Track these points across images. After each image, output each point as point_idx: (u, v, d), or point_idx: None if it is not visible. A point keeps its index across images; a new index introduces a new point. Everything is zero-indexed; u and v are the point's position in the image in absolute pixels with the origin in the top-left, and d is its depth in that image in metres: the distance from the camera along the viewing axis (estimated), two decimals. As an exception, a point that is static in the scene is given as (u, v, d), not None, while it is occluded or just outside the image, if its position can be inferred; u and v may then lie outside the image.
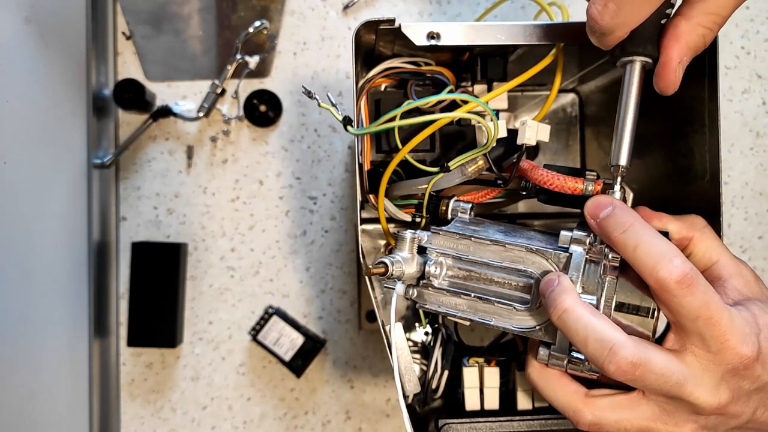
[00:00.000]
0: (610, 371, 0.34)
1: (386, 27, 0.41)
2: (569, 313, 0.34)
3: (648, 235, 0.35)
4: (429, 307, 0.41)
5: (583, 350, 0.35)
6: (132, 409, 0.69)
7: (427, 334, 0.49)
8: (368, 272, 0.38)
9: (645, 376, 0.34)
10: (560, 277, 0.36)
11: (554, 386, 0.39)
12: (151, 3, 0.68)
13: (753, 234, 0.69)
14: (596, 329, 0.34)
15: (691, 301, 0.34)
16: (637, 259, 0.35)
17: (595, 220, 0.37)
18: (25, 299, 0.55)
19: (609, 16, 0.34)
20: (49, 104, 0.60)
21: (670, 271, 0.33)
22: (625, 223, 0.35)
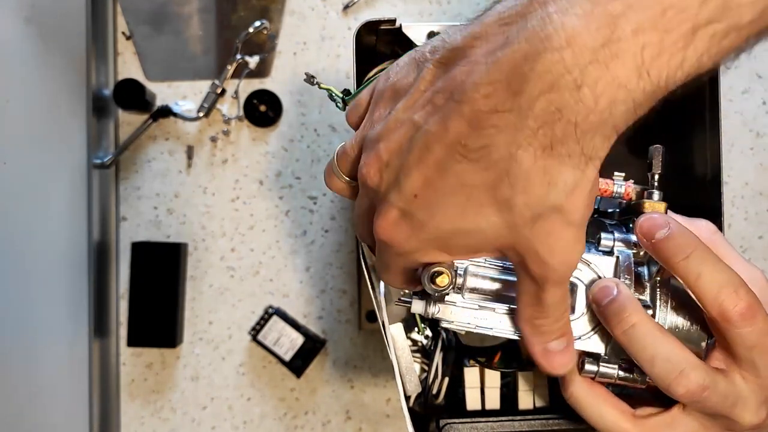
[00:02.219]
0: (677, 393, 0.33)
1: (387, 27, 0.42)
2: (637, 328, 0.33)
3: (711, 263, 0.33)
4: (454, 325, 0.36)
5: (648, 369, 0.33)
6: (132, 409, 0.69)
7: (427, 338, 0.48)
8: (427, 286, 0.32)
9: (709, 398, 0.33)
10: (619, 286, 0.34)
11: (602, 405, 0.36)
12: (151, 3, 0.68)
13: (753, 234, 0.69)
14: (666, 349, 0.33)
15: (751, 332, 0.32)
16: (699, 288, 0.33)
17: (650, 241, 0.34)
18: (25, 299, 0.55)
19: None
20: (49, 104, 0.60)
21: (735, 303, 0.32)
22: (687, 248, 0.33)
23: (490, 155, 0.26)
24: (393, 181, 0.30)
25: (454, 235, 0.29)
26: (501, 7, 0.27)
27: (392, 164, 0.30)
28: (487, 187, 0.27)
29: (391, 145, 0.30)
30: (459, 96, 0.26)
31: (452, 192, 0.28)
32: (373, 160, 0.31)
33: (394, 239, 0.31)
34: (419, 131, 0.28)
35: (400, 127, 0.30)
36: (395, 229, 0.30)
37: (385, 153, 0.30)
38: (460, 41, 0.28)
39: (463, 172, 0.27)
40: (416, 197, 0.29)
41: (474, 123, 0.26)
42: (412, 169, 0.29)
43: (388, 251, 0.32)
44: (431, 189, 0.28)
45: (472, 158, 0.27)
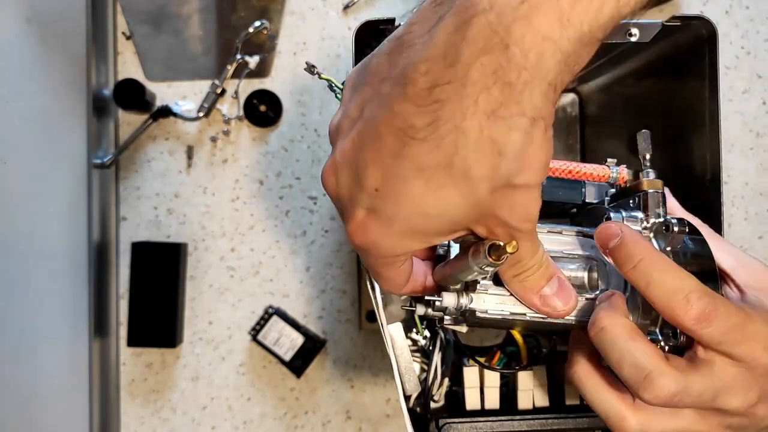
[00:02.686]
0: (645, 399, 0.32)
1: (386, 27, 0.42)
2: (606, 332, 0.33)
3: (659, 271, 0.33)
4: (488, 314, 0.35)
5: (618, 373, 0.34)
6: (132, 409, 0.69)
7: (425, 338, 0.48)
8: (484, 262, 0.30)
9: (682, 401, 0.33)
10: (613, 296, 0.35)
11: (602, 390, 0.36)
12: (151, 3, 0.68)
13: (753, 234, 0.69)
14: (632, 354, 0.33)
15: (712, 332, 0.32)
16: (650, 296, 0.33)
17: (605, 250, 0.35)
18: (25, 299, 0.55)
19: None
20: (49, 104, 0.60)
21: (685, 310, 0.32)
22: (635, 256, 0.33)
23: (438, 131, 0.26)
24: (351, 182, 0.29)
25: (424, 221, 0.29)
26: None
27: (347, 164, 0.29)
28: (442, 166, 0.27)
29: (345, 145, 0.30)
30: (401, 79, 0.27)
31: (411, 177, 0.27)
32: (329, 166, 0.31)
33: (368, 240, 0.30)
34: (368, 123, 0.28)
35: (351, 126, 0.30)
36: (365, 229, 0.30)
37: (339, 155, 0.30)
38: (401, 30, 0.28)
39: (416, 155, 0.27)
40: (377, 191, 0.28)
41: (418, 101, 0.26)
42: (368, 164, 0.28)
43: (368, 255, 0.31)
44: (390, 179, 0.28)
45: (421, 137, 0.26)
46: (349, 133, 0.29)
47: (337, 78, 0.42)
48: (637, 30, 0.42)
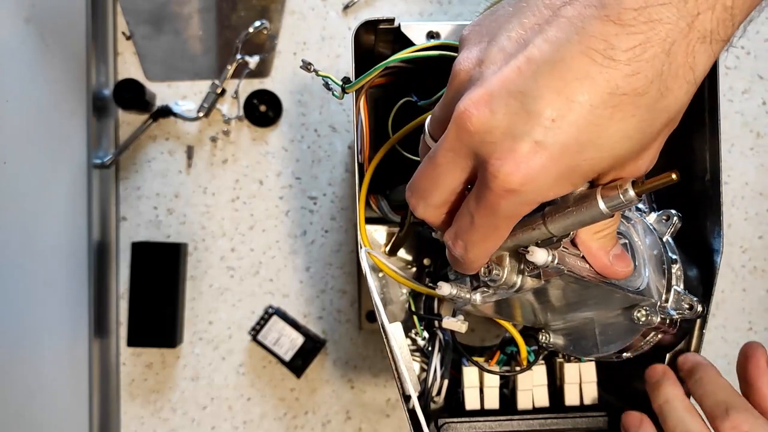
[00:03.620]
0: None
1: (386, 27, 0.41)
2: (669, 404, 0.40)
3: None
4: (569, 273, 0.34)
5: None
6: (132, 409, 0.69)
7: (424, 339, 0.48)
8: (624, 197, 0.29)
9: None
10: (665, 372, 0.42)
11: None
12: (151, 3, 0.68)
13: (753, 234, 0.69)
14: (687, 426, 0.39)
15: None
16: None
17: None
18: (25, 299, 0.55)
19: (459, 253, 0.32)
20: (49, 104, 0.60)
21: None
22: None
23: (644, 54, 0.24)
24: (517, 112, 0.26)
25: (596, 155, 0.27)
26: None
27: (511, 93, 0.26)
28: (636, 93, 0.25)
29: (506, 73, 0.26)
30: (598, 1, 0.25)
31: (601, 103, 0.25)
32: (479, 97, 0.27)
33: (528, 177, 0.26)
34: (545, 47, 0.26)
35: (508, 56, 0.27)
36: (528, 164, 0.26)
37: (497, 84, 0.26)
38: None
39: (612, 79, 0.25)
40: (554, 121, 0.25)
41: (623, 22, 0.24)
42: (546, 90, 0.25)
43: (514, 199, 0.27)
44: (574, 105, 0.25)
45: (624, 60, 0.24)
46: (509, 62, 0.27)
47: (337, 77, 0.42)
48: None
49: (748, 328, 0.69)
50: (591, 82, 0.25)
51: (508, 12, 0.29)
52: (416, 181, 0.32)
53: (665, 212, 0.43)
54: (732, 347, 0.69)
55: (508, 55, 0.27)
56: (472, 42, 0.30)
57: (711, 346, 0.69)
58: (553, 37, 0.26)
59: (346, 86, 0.41)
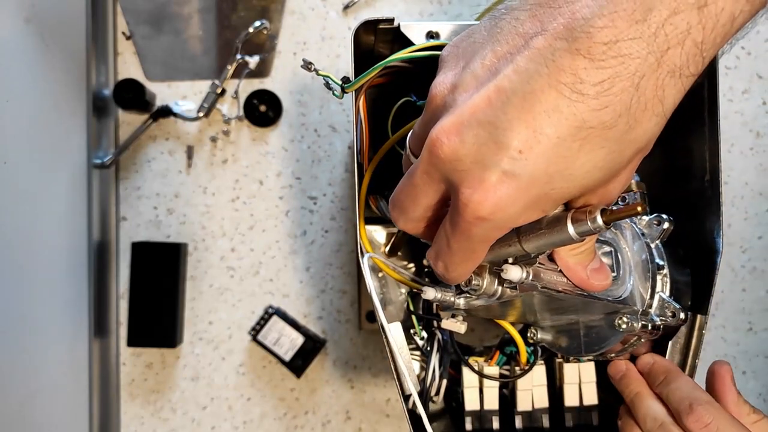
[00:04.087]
0: None
1: (385, 26, 0.41)
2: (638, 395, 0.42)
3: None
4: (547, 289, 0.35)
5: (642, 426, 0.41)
6: (132, 409, 0.69)
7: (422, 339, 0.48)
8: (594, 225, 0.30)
9: None
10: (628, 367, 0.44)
11: None
12: (151, 3, 0.68)
13: (753, 234, 0.69)
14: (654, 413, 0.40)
15: None
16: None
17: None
18: (25, 299, 0.55)
19: (441, 272, 0.33)
20: (49, 104, 0.60)
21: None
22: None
23: (611, 89, 0.25)
24: (485, 142, 0.26)
25: (563, 185, 0.27)
26: None
27: (480, 123, 0.26)
28: (604, 126, 0.25)
29: (476, 103, 0.27)
30: (568, 33, 0.25)
31: (568, 136, 0.26)
32: (450, 125, 0.27)
33: (496, 207, 0.27)
34: (515, 78, 0.26)
35: (479, 83, 0.27)
36: (496, 194, 0.27)
37: (467, 113, 0.27)
38: None
39: (579, 113, 0.25)
40: (521, 152, 0.26)
41: (593, 56, 0.25)
42: (514, 121, 0.26)
43: (485, 226, 0.28)
44: (541, 138, 0.26)
45: (591, 94, 0.25)
46: (480, 90, 0.27)
47: (336, 77, 0.42)
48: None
49: (748, 328, 0.69)
50: (559, 115, 0.25)
51: (483, 36, 0.29)
52: (396, 195, 0.33)
53: (657, 216, 0.43)
54: (732, 347, 0.69)
55: (479, 83, 0.28)
56: (448, 65, 0.30)
57: (711, 346, 0.69)
58: (523, 68, 0.26)
59: (346, 86, 0.41)
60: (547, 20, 0.26)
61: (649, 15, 0.24)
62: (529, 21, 0.27)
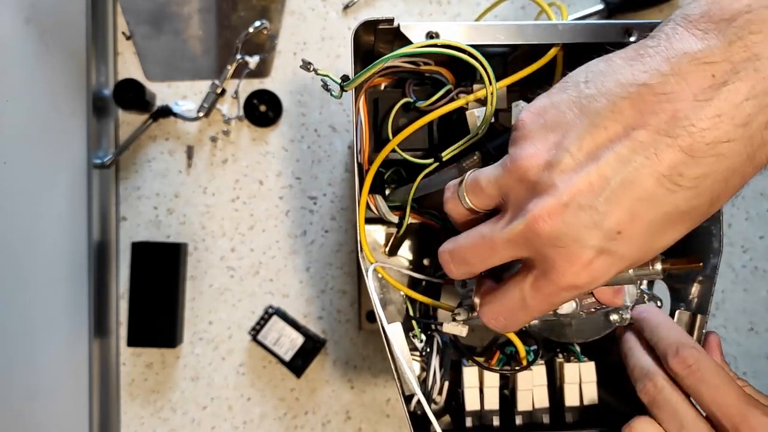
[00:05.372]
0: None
1: (385, 26, 0.41)
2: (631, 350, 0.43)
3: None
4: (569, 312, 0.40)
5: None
6: (132, 409, 0.69)
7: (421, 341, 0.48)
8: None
9: None
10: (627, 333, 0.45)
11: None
12: (151, 3, 0.68)
13: (754, 234, 0.69)
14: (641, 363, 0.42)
15: None
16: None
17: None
18: (25, 299, 0.55)
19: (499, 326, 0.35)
20: (49, 104, 0.60)
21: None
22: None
23: (705, 182, 0.27)
24: (585, 224, 0.29)
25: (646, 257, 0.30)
26: (683, 46, 0.27)
27: (582, 207, 0.29)
28: (693, 211, 0.29)
29: (579, 187, 0.29)
30: (671, 131, 0.27)
31: (662, 222, 0.29)
32: (554, 205, 0.29)
33: (590, 280, 0.30)
34: (623, 165, 0.28)
35: (578, 166, 0.29)
36: (591, 269, 0.30)
37: (570, 197, 0.29)
38: (648, 78, 0.28)
39: (675, 202, 0.28)
40: (620, 233, 0.29)
41: (693, 153, 0.27)
42: (615, 205, 0.28)
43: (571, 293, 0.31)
44: (638, 222, 0.28)
45: (687, 186, 0.27)
46: (580, 173, 0.29)
47: (336, 77, 0.42)
48: (636, 30, 0.42)
49: (749, 329, 0.69)
50: (656, 203, 0.28)
51: (575, 114, 0.30)
52: (461, 251, 0.34)
53: None
54: (732, 347, 0.69)
55: (579, 166, 0.29)
56: (536, 136, 0.31)
57: (711, 346, 0.69)
58: (625, 158, 0.28)
59: (345, 84, 0.41)
60: (648, 113, 0.28)
61: (752, 120, 0.27)
62: (629, 110, 0.28)
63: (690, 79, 0.27)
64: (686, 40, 0.28)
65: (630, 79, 0.28)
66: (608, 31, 0.42)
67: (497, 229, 0.32)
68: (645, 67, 0.28)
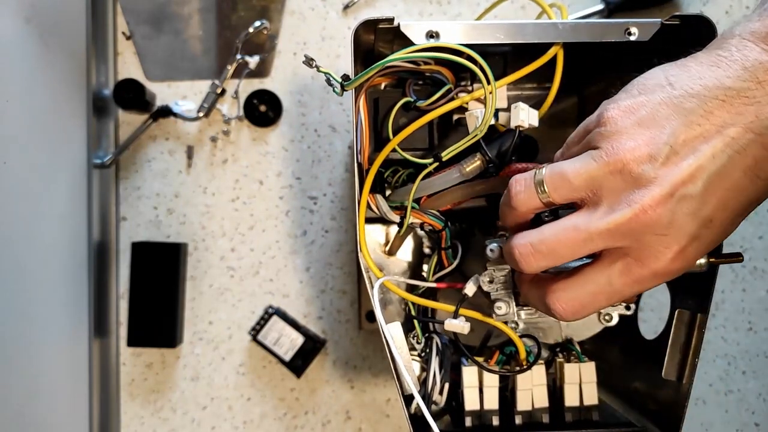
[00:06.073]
0: None
1: (385, 26, 0.41)
2: None
3: None
4: None
5: None
6: (132, 409, 0.69)
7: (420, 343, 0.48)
8: None
9: None
10: None
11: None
12: (151, 3, 0.68)
13: (753, 234, 0.69)
14: None
15: None
16: None
17: None
18: (25, 299, 0.55)
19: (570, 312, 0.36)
20: (49, 104, 0.60)
21: None
22: None
23: None
24: (690, 213, 0.31)
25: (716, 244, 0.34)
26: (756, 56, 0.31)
27: (689, 197, 0.31)
28: (760, 202, 0.33)
29: (684, 176, 0.31)
30: (758, 129, 0.31)
31: (742, 208, 0.33)
32: (661, 195, 0.31)
33: (684, 265, 0.33)
34: (718, 158, 0.31)
35: (689, 155, 0.32)
36: (685, 256, 0.32)
37: (675, 184, 0.31)
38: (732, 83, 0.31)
39: (755, 191, 0.32)
40: (712, 221, 0.32)
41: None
42: (711, 195, 0.31)
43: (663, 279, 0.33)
44: (727, 210, 0.32)
45: (763, 178, 0.32)
46: (681, 166, 0.31)
47: (336, 76, 0.42)
48: (636, 29, 0.42)
49: (748, 328, 0.69)
50: (742, 193, 0.32)
51: (668, 112, 0.32)
52: (552, 244, 0.34)
53: None
54: (732, 347, 0.69)
55: (679, 158, 0.32)
56: (631, 131, 0.33)
57: (711, 345, 0.69)
58: (719, 151, 0.31)
59: (346, 83, 0.41)
60: (735, 114, 0.31)
61: None
62: (718, 110, 0.31)
63: (766, 85, 0.31)
64: (757, 52, 0.31)
65: (716, 83, 0.32)
66: (608, 30, 0.42)
67: (594, 219, 0.33)
68: (727, 73, 0.32)
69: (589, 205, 0.33)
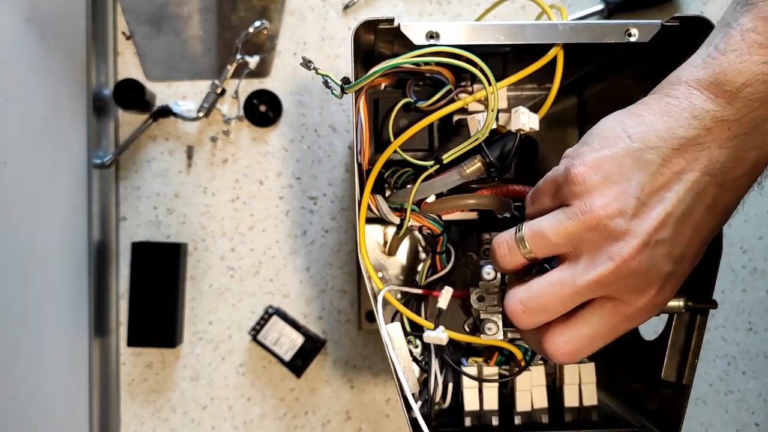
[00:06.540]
0: None
1: (385, 26, 0.41)
2: None
3: None
4: None
5: None
6: (132, 409, 0.69)
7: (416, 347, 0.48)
8: None
9: None
10: None
11: None
12: (151, 3, 0.68)
13: (753, 235, 0.69)
14: None
15: None
16: None
17: None
18: (25, 299, 0.55)
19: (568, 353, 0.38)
20: (49, 104, 0.60)
21: None
22: None
23: (729, 208, 0.36)
24: (663, 255, 0.34)
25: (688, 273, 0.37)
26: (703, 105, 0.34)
27: (661, 241, 0.34)
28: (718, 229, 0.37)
29: (655, 224, 0.34)
30: (711, 172, 0.34)
31: (706, 241, 0.36)
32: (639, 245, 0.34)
33: (664, 301, 0.36)
34: (683, 202, 0.34)
35: (656, 205, 0.34)
36: (664, 292, 0.36)
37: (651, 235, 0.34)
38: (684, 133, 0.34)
39: (714, 224, 0.36)
40: (683, 257, 0.35)
41: (726, 187, 0.35)
42: (680, 237, 0.35)
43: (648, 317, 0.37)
44: (694, 244, 0.35)
45: (720, 212, 0.35)
46: (651, 216, 0.34)
47: (336, 77, 0.42)
48: (636, 30, 0.42)
49: (748, 329, 0.69)
50: (706, 228, 0.35)
51: (631, 165, 0.35)
52: (541, 301, 0.36)
53: None
54: (732, 347, 0.69)
55: (649, 208, 0.34)
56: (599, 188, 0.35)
57: (711, 345, 0.69)
58: (683, 197, 0.34)
59: (345, 87, 0.41)
60: (692, 159, 0.34)
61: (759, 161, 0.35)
62: (676, 158, 0.34)
63: (714, 132, 0.34)
64: (703, 100, 0.34)
65: (670, 133, 0.34)
66: (608, 31, 0.42)
67: (578, 274, 0.35)
68: (679, 123, 0.34)
69: (571, 259, 0.36)
